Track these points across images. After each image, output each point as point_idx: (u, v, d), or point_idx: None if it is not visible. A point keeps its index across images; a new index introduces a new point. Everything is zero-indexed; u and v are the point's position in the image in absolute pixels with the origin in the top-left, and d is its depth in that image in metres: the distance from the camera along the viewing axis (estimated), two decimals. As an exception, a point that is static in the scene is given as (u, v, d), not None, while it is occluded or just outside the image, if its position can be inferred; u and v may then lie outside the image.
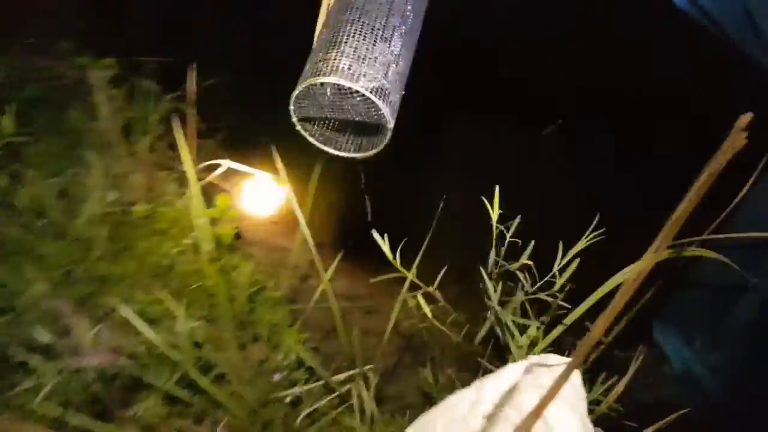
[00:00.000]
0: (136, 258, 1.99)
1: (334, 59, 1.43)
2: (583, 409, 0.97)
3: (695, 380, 1.66)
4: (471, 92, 2.38)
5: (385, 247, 1.54)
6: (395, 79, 1.50)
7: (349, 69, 1.42)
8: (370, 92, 1.42)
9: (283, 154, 2.55)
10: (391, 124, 1.50)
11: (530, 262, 1.50)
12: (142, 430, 1.57)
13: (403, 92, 1.57)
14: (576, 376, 0.99)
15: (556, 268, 1.47)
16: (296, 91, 1.50)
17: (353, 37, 1.46)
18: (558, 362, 1.03)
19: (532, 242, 1.52)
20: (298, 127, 1.64)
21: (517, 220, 1.51)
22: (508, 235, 1.52)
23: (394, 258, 1.54)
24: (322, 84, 1.49)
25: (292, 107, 1.56)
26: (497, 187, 1.49)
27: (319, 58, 1.47)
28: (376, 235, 1.56)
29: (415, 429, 1.16)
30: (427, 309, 1.55)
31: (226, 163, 2.29)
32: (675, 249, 1.29)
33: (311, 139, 1.68)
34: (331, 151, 1.69)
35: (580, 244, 1.45)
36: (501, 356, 1.59)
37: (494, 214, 1.49)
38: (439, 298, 1.61)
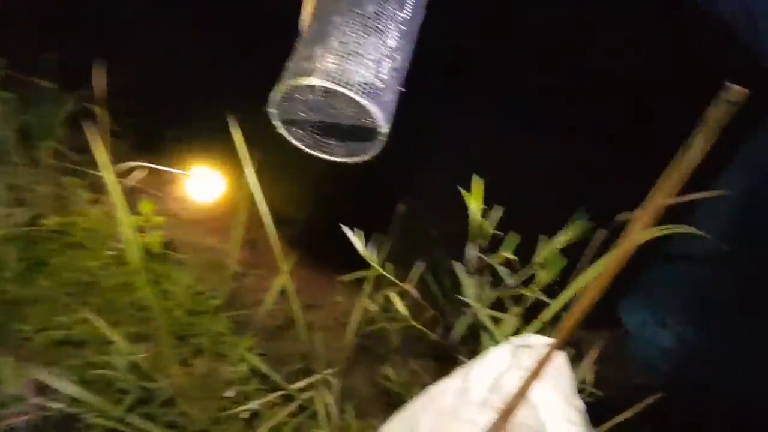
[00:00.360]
0: (52, 276, 1.79)
1: (319, 57, 1.27)
2: (569, 388, 0.93)
3: (666, 358, 1.62)
4: (447, 78, 2.28)
5: (358, 242, 1.43)
6: (390, 77, 1.32)
7: (335, 68, 1.25)
8: (360, 94, 1.26)
9: (206, 151, 2.40)
10: (384, 129, 1.33)
11: (512, 257, 1.43)
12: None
13: (402, 89, 1.39)
14: (559, 356, 0.95)
15: (536, 260, 1.41)
16: (275, 94, 1.33)
17: (341, 29, 1.28)
18: (540, 343, 0.98)
19: (513, 235, 1.44)
20: (282, 131, 1.46)
21: (500, 214, 1.43)
22: (490, 228, 1.44)
23: (366, 250, 1.43)
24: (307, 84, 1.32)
25: (272, 110, 1.38)
26: (476, 177, 1.39)
27: (302, 55, 1.30)
28: (345, 229, 1.44)
29: (392, 426, 1.08)
30: (399, 304, 1.47)
31: (145, 165, 2.12)
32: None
33: (297, 144, 1.50)
34: (321, 155, 1.52)
35: (562, 239, 1.40)
36: (474, 351, 1.53)
37: (474, 205, 1.40)
38: (413, 292, 1.53)
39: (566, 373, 0.98)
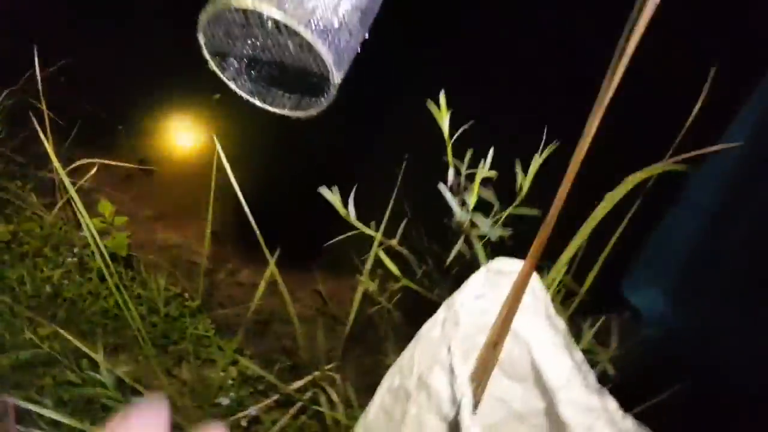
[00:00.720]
0: (9, 290, 1.64)
1: None
2: (547, 310, 0.90)
3: (681, 340, 1.48)
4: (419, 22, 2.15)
5: (335, 200, 1.28)
6: (351, 15, 1.06)
7: None
8: (308, 29, 0.99)
9: (157, 142, 2.25)
10: (336, 78, 1.07)
11: (493, 173, 1.29)
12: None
13: (366, 35, 1.14)
14: (534, 279, 0.91)
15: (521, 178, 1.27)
16: (204, 18, 1.06)
17: None
18: (512, 266, 0.93)
19: (492, 150, 1.29)
20: (214, 68, 1.18)
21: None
22: (463, 167, 1.31)
23: (348, 214, 1.30)
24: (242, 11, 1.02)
25: (200, 37, 1.10)
26: (443, 91, 1.20)
27: None
28: (324, 190, 1.27)
29: (396, 368, 1.05)
30: (392, 265, 1.37)
31: (96, 162, 1.97)
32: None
33: (233, 86, 1.22)
34: (261, 105, 1.24)
35: (538, 158, 1.28)
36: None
37: (442, 120, 1.25)
38: (400, 249, 1.43)
39: (542, 295, 0.95)
